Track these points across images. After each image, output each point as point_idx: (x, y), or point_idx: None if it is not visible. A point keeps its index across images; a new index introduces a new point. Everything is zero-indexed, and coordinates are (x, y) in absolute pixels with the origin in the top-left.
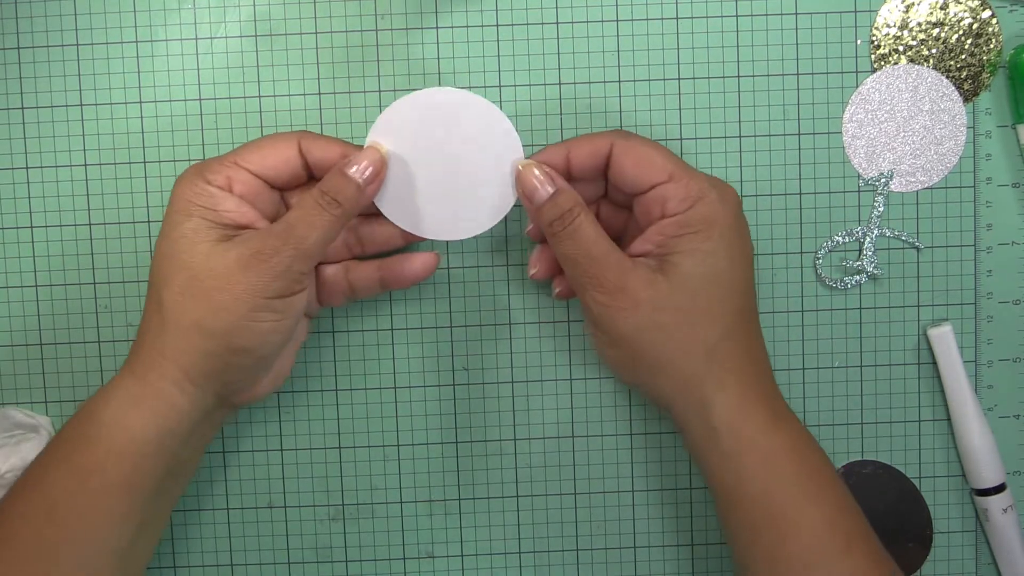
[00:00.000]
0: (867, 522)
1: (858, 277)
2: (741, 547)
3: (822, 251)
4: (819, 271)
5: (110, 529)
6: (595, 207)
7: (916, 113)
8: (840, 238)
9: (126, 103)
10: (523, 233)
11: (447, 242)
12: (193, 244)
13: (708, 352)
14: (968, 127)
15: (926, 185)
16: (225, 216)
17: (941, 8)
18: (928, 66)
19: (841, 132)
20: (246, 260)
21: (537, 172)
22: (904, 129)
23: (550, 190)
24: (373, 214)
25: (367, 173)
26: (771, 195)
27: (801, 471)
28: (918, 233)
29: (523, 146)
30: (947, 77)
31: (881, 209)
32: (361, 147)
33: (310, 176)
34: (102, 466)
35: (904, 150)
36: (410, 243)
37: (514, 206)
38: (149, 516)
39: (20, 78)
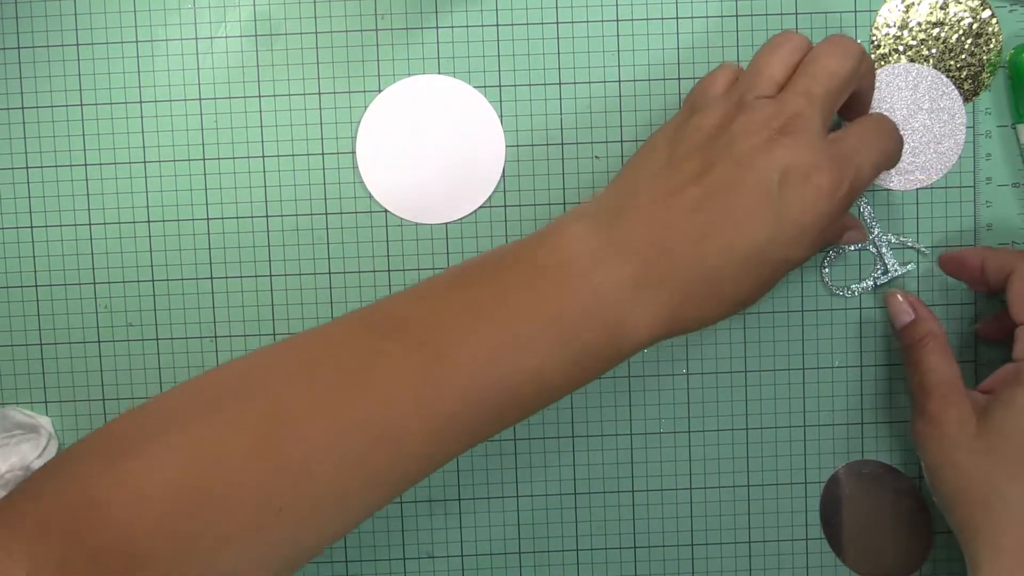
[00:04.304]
0: None
1: (866, 284)
2: None
3: (827, 259)
4: (826, 280)
5: None
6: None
7: (916, 112)
8: (845, 245)
9: (126, 103)
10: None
11: (447, 241)
12: None
13: (990, 510)
14: (968, 127)
15: (925, 184)
16: None
17: (941, 8)
18: (928, 66)
19: None
20: None
21: (900, 299)
22: (904, 128)
23: (908, 318)
24: None
25: None
26: None
27: None
28: (918, 233)
29: (523, 146)
30: (947, 77)
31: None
32: None
33: None
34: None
35: (903, 149)
36: None
37: (508, 191)
38: None
39: (20, 78)
